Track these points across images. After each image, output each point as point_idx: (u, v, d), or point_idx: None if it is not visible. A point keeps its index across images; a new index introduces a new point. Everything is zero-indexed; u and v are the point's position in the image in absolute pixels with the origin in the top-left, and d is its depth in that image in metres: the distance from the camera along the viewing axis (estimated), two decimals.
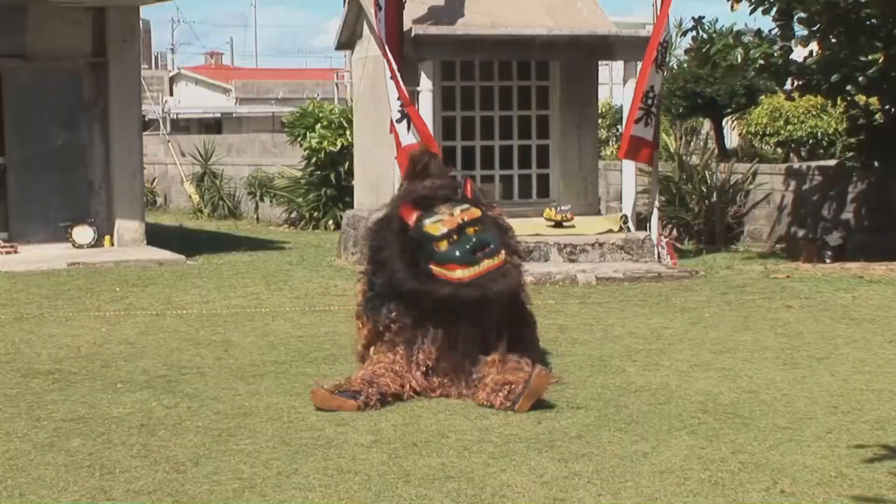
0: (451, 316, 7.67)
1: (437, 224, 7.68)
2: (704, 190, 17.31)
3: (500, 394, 7.38)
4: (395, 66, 13.27)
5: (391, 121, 13.60)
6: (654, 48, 14.08)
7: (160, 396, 7.83)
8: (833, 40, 14.73)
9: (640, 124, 14.19)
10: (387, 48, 13.30)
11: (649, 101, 14.13)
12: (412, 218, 7.73)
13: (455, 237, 7.64)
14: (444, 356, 7.72)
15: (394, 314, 7.78)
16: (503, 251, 7.76)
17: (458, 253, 7.62)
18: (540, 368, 7.50)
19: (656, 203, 14.98)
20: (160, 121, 33.94)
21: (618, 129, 27.11)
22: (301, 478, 6.05)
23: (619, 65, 17.96)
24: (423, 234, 7.68)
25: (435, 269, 7.63)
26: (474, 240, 7.65)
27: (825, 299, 11.92)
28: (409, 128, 13.24)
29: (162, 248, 15.72)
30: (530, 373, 7.43)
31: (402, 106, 13.24)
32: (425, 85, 14.09)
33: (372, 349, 7.97)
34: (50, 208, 15.99)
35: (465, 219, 7.70)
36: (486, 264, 7.63)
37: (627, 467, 6.19)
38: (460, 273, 7.59)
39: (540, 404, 7.33)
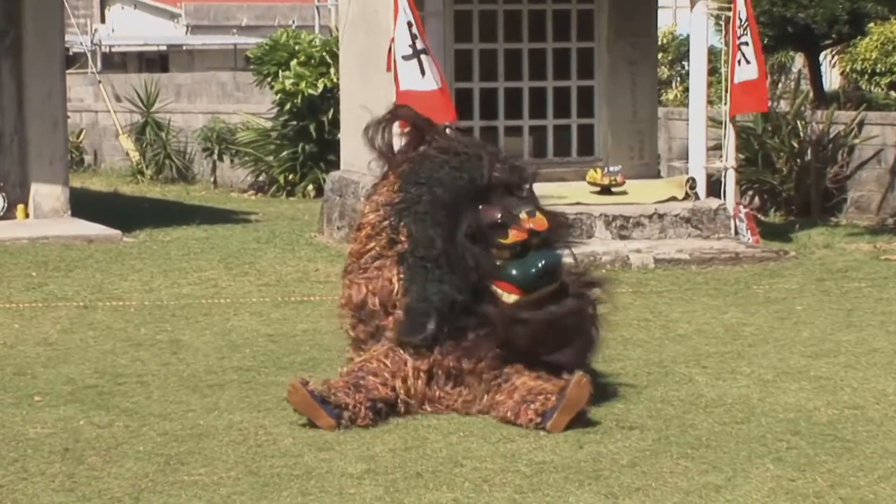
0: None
1: (507, 230, 7.82)
2: (796, 146, 17.29)
3: (530, 406, 7.39)
4: None
5: (389, 54, 13.52)
6: None
7: (90, 413, 7.86)
8: None
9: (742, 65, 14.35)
10: None
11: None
12: (495, 216, 7.82)
13: (518, 250, 7.81)
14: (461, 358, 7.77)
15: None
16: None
17: (514, 272, 7.75)
18: (579, 374, 7.49)
19: (733, 163, 14.96)
20: (88, 55, 33.95)
21: (683, 66, 27.03)
22: None
23: None
24: (489, 235, 7.82)
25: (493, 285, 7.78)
26: (541, 264, 7.77)
27: None
28: (422, 70, 13.13)
29: (91, 220, 15.74)
30: (567, 379, 7.45)
31: (413, 40, 13.15)
32: (433, 8, 14.05)
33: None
34: None
35: (533, 227, 7.83)
36: (543, 291, 7.77)
37: None
38: (513, 298, 7.73)
39: (580, 422, 7.35)
